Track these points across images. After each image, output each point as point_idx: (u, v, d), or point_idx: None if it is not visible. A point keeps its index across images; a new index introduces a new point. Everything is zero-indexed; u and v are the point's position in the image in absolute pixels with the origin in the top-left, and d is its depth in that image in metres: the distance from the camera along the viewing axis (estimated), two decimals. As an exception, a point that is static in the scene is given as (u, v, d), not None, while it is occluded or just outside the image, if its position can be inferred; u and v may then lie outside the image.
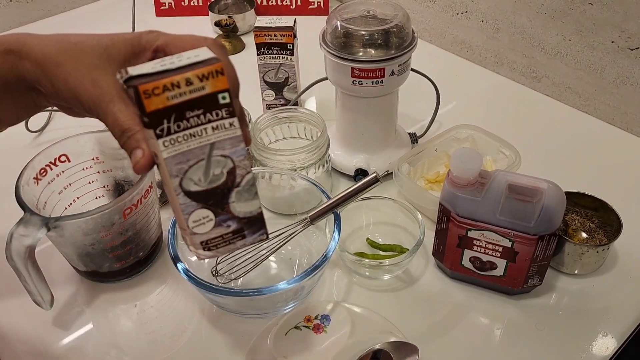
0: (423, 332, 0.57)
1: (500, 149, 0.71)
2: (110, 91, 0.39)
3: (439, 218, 0.58)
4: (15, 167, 0.57)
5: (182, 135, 0.36)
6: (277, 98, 0.84)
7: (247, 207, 0.40)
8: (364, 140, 0.72)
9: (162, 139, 0.36)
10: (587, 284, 0.61)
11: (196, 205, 0.38)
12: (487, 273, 0.58)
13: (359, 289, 0.61)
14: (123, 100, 0.39)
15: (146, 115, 0.35)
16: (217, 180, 0.38)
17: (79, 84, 0.39)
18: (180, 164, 0.37)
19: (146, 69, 0.36)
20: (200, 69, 0.35)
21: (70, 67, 0.39)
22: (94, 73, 0.39)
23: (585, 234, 0.65)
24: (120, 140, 0.39)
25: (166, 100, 0.35)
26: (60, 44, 0.40)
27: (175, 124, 0.35)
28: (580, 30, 0.81)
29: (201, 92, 0.35)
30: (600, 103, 0.84)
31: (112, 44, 0.41)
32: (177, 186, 0.37)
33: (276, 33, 0.77)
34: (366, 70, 0.64)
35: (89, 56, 0.40)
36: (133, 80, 0.35)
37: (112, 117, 0.38)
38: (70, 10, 1.18)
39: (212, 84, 0.35)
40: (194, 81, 0.35)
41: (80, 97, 0.39)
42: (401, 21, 0.65)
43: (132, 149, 0.38)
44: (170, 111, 0.35)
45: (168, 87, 0.34)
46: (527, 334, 0.57)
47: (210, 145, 0.37)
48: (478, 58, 0.98)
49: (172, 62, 0.36)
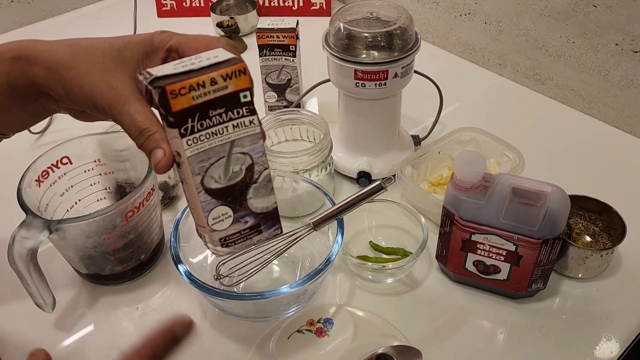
0: (426, 336, 0.57)
1: (503, 151, 0.71)
2: (126, 92, 0.39)
3: (442, 221, 0.58)
4: (17, 170, 0.57)
5: (204, 133, 0.37)
6: (279, 100, 0.84)
7: (264, 202, 0.41)
8: (366, 143, 0.72)
9: (186, 138, 0.36)
10: (591, 287, 0.61)
11: (216, 202, 0.39)
12: (490, 277, 0.58)
13: (362, 292, 0.61)
14: (139, 101, 0.39)
15: (172, 115, 0.36)
16: (236, 177, 0.39)
17: (94, 86, 0.39)
18: (202, 162, 0.38)
19: (167, 70, 0.36)
20: (225, 69, 0.36)
21: (84, 70, 0.39)
22: (107, 75, 0.39)
23: (589, 237, 0.64)
24: (138, 141, 0.39)
25: (191, 100, 0.35)
26: (71, 48, 0.40)
27: (199, 122, 0.36)
28: (584, 32, 0.81)
29: (224, 91, 0.36)
30: (604, 106, 0.83)
31: (124, 46, 0.41)
32: (199, 184, 0.38)
33: (279, 35, 0.77)
34: (369, 72, 0.63)
35: (101, 59, 0.40)
36: (158, 81, 0.36)
37: (129, 117, 0.38)
38: (72, 11, 1.17)
39: (234, 83, 0.36)
40: (219, 81, 0.36)
41: (95, 100, 0.39)
42: (404, 23, 0.64)
43: (151, 149, 0.38)
44: (195, 110, 0.36)
45: (194, 87, 0.35)
46: (530, 338, 0.56)
47: (231, 142, 0.38)
48: (481, 60, 0.97)
49: (192, 63, 0.37)
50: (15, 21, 1.12)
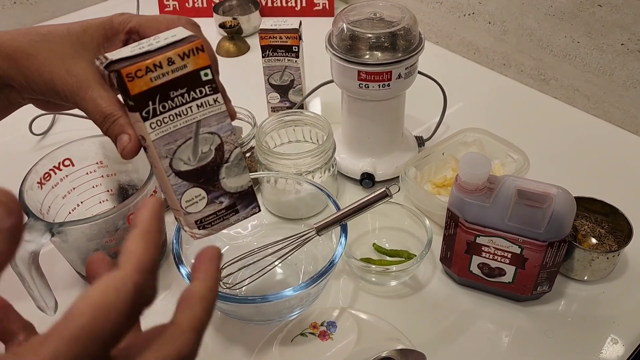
0: (430, 339, 0.56)
1: (508, 152, 0.70)
2: (87, 77, 0.38)
3: (446, 224, 0.58)
4: (18, 172, 0.57)
5: (168, 115, 0.36)
6: (282, 101, 0.84)
7: (238, 181, 0.40)
8: (370, 144, 0.72)
9: (149, 121, 0.35)
10: (597, 290, 0.60)
11: (187, 184, 0.38)
12: (495, 279, 0.58)
13: (366, 295, 0.61)
14: (102, 86, 0.38)
15: (131, 99, 0.35)
16: (206, 158, 0.38)
17: (54, 74, 0.39)
18: (168, 145, 0.37)
19: (125, 52, 0.35)
20: (181, 47, 0.35)
21: (43, 58, 0.39)
22: (68, 62, 0.39)
23: (595, 239, 0.64)
24: (102, 127, 0.38)
25: (150, 82, 0.35)
26: (29, 36, 0.40)
27: (161, 104, 0.35)
28: (589, 32, 0.80)
29: (183, 71, 0.35)
30: (609, 106, 0.83)
31: (83, 31, 0.41)
32: (168, 167, 0.37)
33: (281, 35, 0.77)
34: (373, 73, 0.63)
35: (60, 45, 0.39)
36: (114, 65, 0.35)
37: (92, 103, 0.38)
38: (75, 12, 1.18)
39: (193, 61, 0.35)
40: (176, 60, 0.35)
41: (56, 87, 0.39)
42: (408, 24, 0.64)
43: (116, 135, 0.38)
44: (155, 92, 0.35)
45: (150, 68, 0.34)
46: (536, 341, 0.56)
47: (197, 123, 0.37)
48: (485, 60, 0.97)
49: (150, 43, 0.36)
50: (18, 22, 1.12)
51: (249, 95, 0.42)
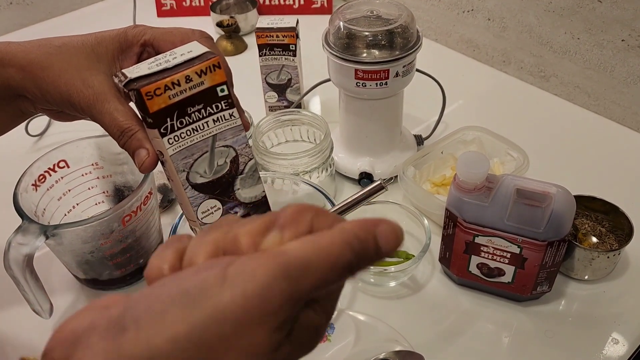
0: (429, 340, 0.56)
1: (507, 150, 0.69)
2: (104, 90, 0.38)
3: (445, 223, 0.57)
4: (13, 174, 0.57)
5: (185, 131, 0.37)
6: (279, 100, 0.83)
7: (252, 192, 0.41)
8: (368, 143, 0.71)
9: (167, 137, 0.36)
10: (598, 289, 0.60)
11: (204, 196, 0.39)
12: (495, 279, 0.57)
13: (364, 296, 0.60)
14: (117, 99, 0.39)
15: (150, 117, 0.35)
16: (222, 170, 0.39)
17: (70, 86, 0.39)
18: (185, 159, 0.38)
19: (143, 70, 0.36)
20: (198, 65, 0.36)
21: (59, 70, 0.39)
22: (83, 73, 0.39)
23: (595, 238, 0.63)
24: (120, 141, 0.38)
25: (168, 99, 0.35)
26: (44, 48, 0.40)
27: (178, 121, 0.36)
28: (589, 28, 0.79)
29: (200, 87, 0.36)
30: (610, 103, 0.82)
31: (98, 43, 0.41)
32: (185, 180, 0.38)
33: (278, 34, 0.76)
34: (370, 71, 0.62)
35: (75, 57, 0.40)
36: (133, 83, 0.35)
37: (109, 117, 0.38)
38: (71, 12, 1.17)
39: (210, 78, 0.36)
40: (193, 78, 0.36)
41: (72, 99, 0.39)
42: (405, 21, 0.63)
43: (135, 149, 0.38)
44: (173, 109, 0.36)
45: (169, 86, 0.35)
46: (536, 342, 0.55)
47: (213, 137, 0.38)
48: (485, 57, 0.96)
49: (166, 60, 0.36)
50: (14, 23, 1.12)
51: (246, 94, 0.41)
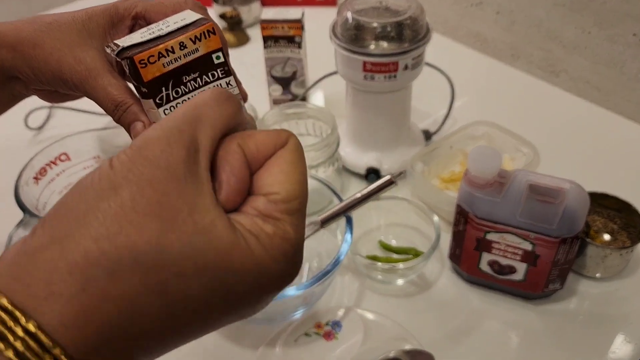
0: (439, 339, 0.55)
1: (517, 146, 0.68)
2: (96, 65, 0.38)
3: (456, 219, 0.56)
4: (14, 167, 0.56)
5: (181, 100, 0.35)
6: (284, 93, 0.82)
7: None
8: (375, 138, 0.70)
9: (163, 107, 0.35)
10: (610, 287, 0.59)
11: None
12: (506, 277, 0.56)
13: (372, 293, 0.59)
14: (111, 73, 0.38)
15: (144, 86, 0.34)
16: None
17: (62, 63, 0.38)
18: None
19: (135, 39, 0.35)
20: (192, 31, 0.34)
21: (49, 47, 0.38)
22: (75, 50, 0.38)
23: (607, 235, 0.62)
24: (114, 115, 0.38)
25: (162, 68, 0.34)
26: (34, 25, 0.39)
27: (174, 90, 0.35)
28: (600, 22, 0.78)
29: (196, 55, 0.35)
30: (621, 99, 0.81)
31: (88, 18, 0.40)
32: None
33: (284, 25, 0.75)
34: (378, 64, 0.61)
35: (66, 34, 0.39)
36: (126, 52, 0.34)
37: (103, 91, 0.37)
38: (71, 3, 1.16)
39: (205, 44, 0.35)
40: (188, 44, 0.34)
41: (64, 76, 0.38)
42: (415, 13, 0.62)
43: (130, 122, 0.37)
44: (168, 78, 0.35)
45: (163, 54, 0.34)
46: (546, 340, 0.54)
47: None
48: (493, 51, 0.95)
49: (160, 28, 0.35)
50: (13, 12, 1.11)
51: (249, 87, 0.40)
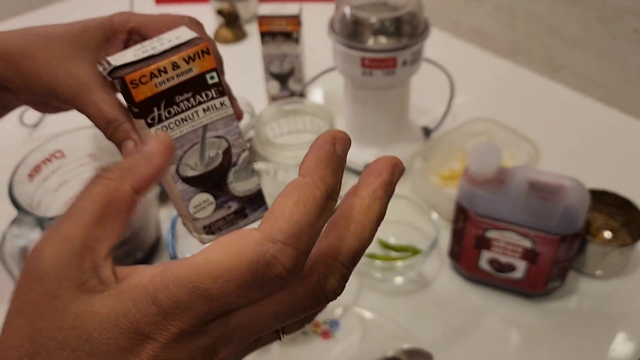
0: (438, 337, 0.54)
1: (518, 143, 0.68)
2: (89, 80, 0.37)
3: (455, 217, 0.55)
4: (8, 164, 0.55)
5: (173, 121, 0.35)
6: (282, 89, 0.81)
7: (246, 185, 0.39)
8: (374, 134, 0.69)
9: (154, 128, 0.35)
10: (610, 285, 0.58)
11: (195, 190, 0.37)
12: (505, 275, 0.55)
13: (370, 292, 0.59)
14: (104, 88, 0.37)
15: (135, 106, 0.34)
16: (214, 162, 0.37)
17: (54, 76, 0.37)
18: (174, 151, 0.36)
19: (128, 57, 0.34)
20: (186, 50, 0.34)
21: (42, 60, 0.38)
22: (68, 63, 0.38)
23: (608, 233, 0.62)
24: (106, 132, 0.37)
25: (154, 88, 0.34)
26: (27, 37, 0.39)
27: (166, 110, 0.34)
28: (601, 18, 0.77)
29: (189, 75, 0.34)
30: (622, 95, 0.80)
31: (82, 31, 0.39)
32: (174, 173, 0.36)
33: (281, 21, 0.74)
34: (377, 59, 0.60)
35: (59, 46, 0.38)
36: (117, 71, 0.34)
37: (94, 107, 0.37)
38: (66, 0, 1.15)
39: (199, 64, 0.34)
40: (181, 64, 0.34)
41: (56, 90, 0.37)
42: (413, 8, 0.61)
43: (121, 141, 0.37)
44: (160, 98, 0.34)
45: (155, 74, 0.33)
46: (546, 339, 0.54)
47: (203, 127, 0.36)
48: (493, 47, 0.94)
49: (153, 46, 0.35)
50: (8, 8, 1.10)
51: (246, 83, 0.40)
